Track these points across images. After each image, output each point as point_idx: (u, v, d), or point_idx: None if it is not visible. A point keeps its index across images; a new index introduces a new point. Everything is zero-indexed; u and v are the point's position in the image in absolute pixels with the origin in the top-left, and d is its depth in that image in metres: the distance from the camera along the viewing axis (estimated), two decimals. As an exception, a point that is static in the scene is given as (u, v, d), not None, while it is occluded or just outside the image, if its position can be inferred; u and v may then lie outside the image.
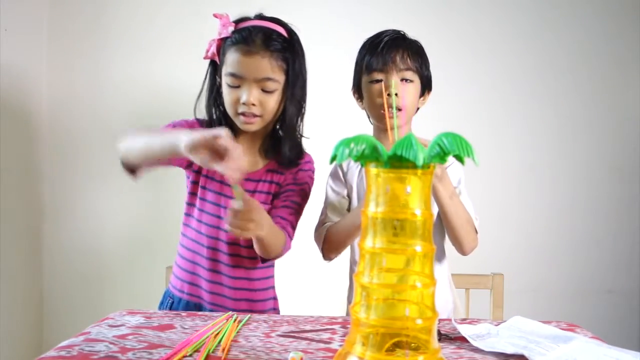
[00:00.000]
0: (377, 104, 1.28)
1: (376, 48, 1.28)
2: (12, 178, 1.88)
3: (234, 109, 1.19)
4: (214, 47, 1.21)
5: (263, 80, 1.16)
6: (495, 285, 1.47)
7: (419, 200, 0.69)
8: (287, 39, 1.20)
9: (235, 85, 1.17)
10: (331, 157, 0.67)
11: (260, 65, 1.15)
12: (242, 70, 1.16)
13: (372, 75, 1.28)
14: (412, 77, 1.29)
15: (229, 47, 1.18)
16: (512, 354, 0.88)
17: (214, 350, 0.87)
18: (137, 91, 2.03)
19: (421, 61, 1.31)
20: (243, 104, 1.16)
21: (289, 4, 1.99)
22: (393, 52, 1.26)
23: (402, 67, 1.27)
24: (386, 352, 0.67)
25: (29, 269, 2.00)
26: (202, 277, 1.26)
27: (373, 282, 0.69)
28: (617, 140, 2.06)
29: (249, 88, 1.16)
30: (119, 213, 2.05)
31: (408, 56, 1.27)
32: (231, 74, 1.17)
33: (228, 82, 1.18)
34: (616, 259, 2.06)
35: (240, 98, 1.17)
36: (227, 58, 1.18)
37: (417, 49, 1.32)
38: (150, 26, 2.03)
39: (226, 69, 1.18)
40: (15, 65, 1.88)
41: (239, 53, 1.15)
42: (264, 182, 1.27)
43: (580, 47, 2.04)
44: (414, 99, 1.30)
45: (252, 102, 1.16)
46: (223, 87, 1.20)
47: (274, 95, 1.19)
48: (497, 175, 2.02)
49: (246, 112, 1.17)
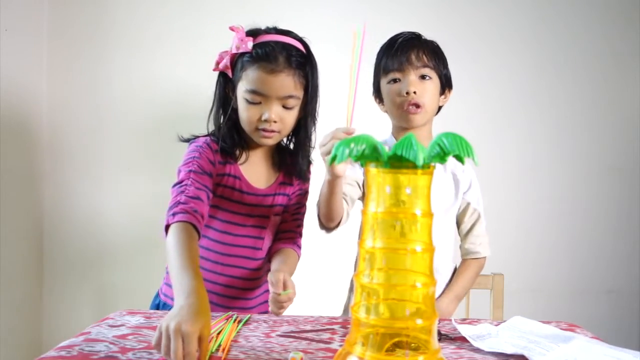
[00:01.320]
0: (397, 102, 1.30)
1: (392, 49, 1.31)
2: (13, 178, 1.88)
3: (254, 126, 1.17)
4: (227, 60, 1.18)
5: (285, 98, 1.15)
6: (495, 285, 1.47)
7: (419, 200, 0.69)
8: (304, 55, 1.19)
9: (256, 102, 1.15)
10: (331, 157, 0.67)
11: (284, 83, 1.14)
12: (266, 89, 1.13)
13: (390, 76, 1.31)
14: (430, 73, 1.30)
15: (249, 63, 1.15)
16: (512, 354, 0.88)
17: (214, 350, 0.87)
18: (137, 91, 2.03)
19: (438, 59, 1.32)
20: (265, 120, 1.15)
21: (289, 4, 2.00)
22: (408, 51, 1.29)
23: (419, 64, 1.28)
24: (386, 352, 0.67)
25: (29, 268, 2.00)
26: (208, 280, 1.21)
27: (373, 282, 0.69)
28: (617, 140, 2.06)
29: (271, 105, 1.15)
30: (118, 213, 2.05)
31: (424, 54, 1.29)
32: (253, 91, 1.14)
33: (248, 98, 1.15)
34: (616, 259, 2.06)
35: (261, 115, 1.15)
36: (247, 74, 1.15)
37: (434, 47, 1.34)
38: (150, 26, 2.03)
39: (246, 86, 1.15)
40: (15, 66, 1.88)
41: (262, 71, 1.13)
42: (278, 195, 1.27)
43: (580, 47, 2.04)
44: (433, 96, 1.31)
45: (274, 119, 1.15)
46: (240, 102, 1.18)
47: (294, 111, 1.18)
48: (497, 176, 2.02)
49: (267, 128, 1.16)
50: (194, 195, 1.09)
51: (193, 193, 1.10)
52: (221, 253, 1.24)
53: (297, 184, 1.30)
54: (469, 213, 1.39)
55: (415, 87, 1.27)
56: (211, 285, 1.22)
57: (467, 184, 1.38)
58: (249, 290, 1.28)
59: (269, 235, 1.28)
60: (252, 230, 1.24)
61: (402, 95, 1.28)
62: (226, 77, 1.21)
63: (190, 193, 1.10)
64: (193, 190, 1.10)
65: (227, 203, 1.22)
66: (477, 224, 1.40)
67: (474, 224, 1.40)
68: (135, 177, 2.04)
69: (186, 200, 1.08)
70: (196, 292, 0.87)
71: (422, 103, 1.28)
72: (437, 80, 1.32)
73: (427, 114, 1.31)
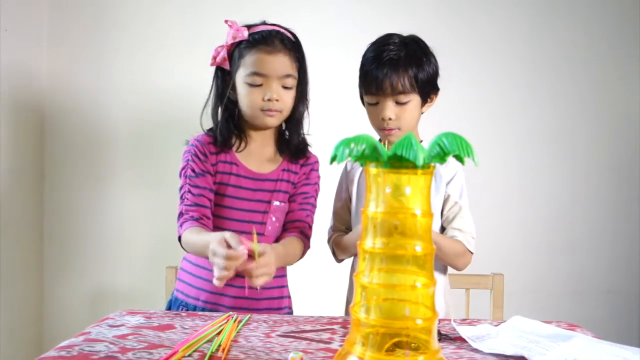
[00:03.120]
0: (375, 123, 1.30)
1: (373, 67, 1.25)
2: (13, 178, 1.88)
3: (257, 107, 1.22)
4: (224, 52, 1.24)
5: (284, 77, 1.22)
6: (495, 285, 1.47)
7: (419, 200, 0.69)
8: (294, 41, 1.27)
9: (258, 84, 1.21)
10: (331, 157, 0.67)
11: (282, 62, 1.22)
12: (267, 68, 1.21)
13: (369, 97, 1.28)
14: (407, 97, 1.26)
15: (247, 49, 1.22)
16: (512, 355, 0.88)
17: (214, 350, 0.87)
18: (137, 91, 2.03)
19: (419, 72, 1.26)
20: (268, 100, 1.21)
21: (289, 4, 2.00)
22: (384, 79, 1.23)
23: (398, 90, 1.24)
24: (386, 352, 0.67)
25: (29, 268, 2.00)
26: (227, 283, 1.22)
27: (373, 282, 0.69)
28: (616, 140, 2.06)
29: (271, 85, 1.21)
30: (119, 213, 2.05)
31: (400, 81, 1.24)
32: (255, 73, 1.21)
33: (249, 81, 1.22)
34: (616, 259, 2.06)
35: (264, 95, 1.21)
36: (245, 60, 1.22)
37: (416, 59, 1.27)
38: (150, 27, 2.03)
39: (246, 71, 1.22)
40: (15, 66, 1.88)
41: (262, 53, 1.21)
42: (282, 182, 1.30)
43: (580, 46, 2.04)
44: (412, 115, 1.29)
45: (276, 98, 1.21)
46: (241, 88, 1.23)
47: (292, 91, 1.25)
48: (496, 176, 2.02)
49: (271, 108, 1.22)
50: (193, 203, 1.22)
51: (192, 200, 1.22)
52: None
53: (303, 176, 1.32)
54: (449, 206, 1.33)
55: (392, 113, 1.25)
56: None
57: (449, 176, 1.34)
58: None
59: (273, 222, 1.29)
60: (252, 215, 1.26)
61: (379, 120, 1.27)
62: (223, 71, 1.27)
63: (189, 201, 1.22)
64: (191, 197, 1.22)
65: (224, 188, 1.26)
66: (457, 218, 1.32)
67: (454, 216, 1.33)
68: (136, 177, 2.04)
69: (187, 210, 1.21)
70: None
71: (399, 126, 1.27)
72: (417, 97, 1.28)
73: (405, 132, 1.28)
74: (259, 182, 1.27)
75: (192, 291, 1.28)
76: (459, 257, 1.31)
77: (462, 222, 1.32)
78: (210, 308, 1.25)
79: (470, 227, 1.33)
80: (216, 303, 1.25)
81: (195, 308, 1.26)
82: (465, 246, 1.30)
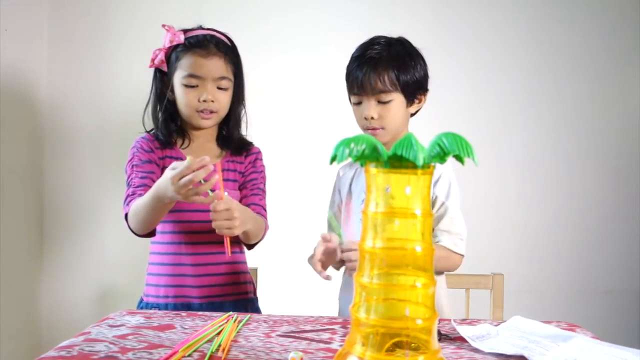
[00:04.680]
0: (360, 123, 1.32)
1: (355, 67, 1.28)
2: (13, 178, 1.88)
3: (193, 108, 1.29)
4: (162, 55, 1.32)
5: (219, 79, 1.29)
6: (495, 285, 1.47)
7: (419, 200, 0.69)
8: (230, 45, 1.34)
9: (193, 85, 1.28)
10: (331, 157, 0.67)
11: (217, 65, 1.29)
12: (202, 71, 1.28)
13: (353, 97, 1.31)
14: (389, 96, 1.26)
15: (182, 52, 1.29)
16: (512, 355, 0.88)
17: (214, 350, 0.87)
18: (137, 91, 2.02)
19: (401, 72, 1.26)
20: (203, 101, 1.28)
21: (290, 6, 2.00)
22: (363, 78, 1.25)
23: (378, 89, 1.25)
24: (386, 352, 0.67)
25: (29, 267, 2.00)
26: (188, 274, 1.31)
27: (373, 282, 0.69)
28: (616, 140, 2.06)
29: (207, 86, 1.28)
30: (118, 213, 2.04)
31: (379, 79, 1.24)
32: (190, 75, 1.28)
33: (185, 83, 1.29)
34: (616, 259, 2.06)
35: (199, 97, 1.28)
36: (181, 63, 1.29)
37: (399, 60, 1.27)
38: (150, 27, 2.02)
39: (182, 72, 1.29)
40: (15, 66, 1.88)
41: (197, 56, 1.28)
42: (228, 171, 1.37)
43: (579, 46, 2.04)
44: (396, 114, 1.28)
45: (211, 99, 1.28)
46: (178, 89, 1.31)
47: (228, 92, 1.32)
48: (496, 176, 2.02)
49: (205, 109, 1.29)
50: (139, 184, 1.28)
51: (138, 182, 1.28)
52: (179, 232, 1.32)
53: (249, 165, 1.40)
54: (436, 207, 1.30)
55: (374, 112, 1.26)
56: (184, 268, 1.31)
57: (435, 178, 1.30)
58: (217, 266, 1.33)
59: None
60: (201, 206, 1.27)
61: (363, 119, 1.28)
62: (161, 73, 1.34)
63: (135, 184, 1.28)
64: (138, 180, 1.29)
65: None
66: (444, 219, 1.29)
67: (441, 218, 1.29)
68: (135, 177, 2.04)
69: (133, 192, 1.27)
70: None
71: (382, 125, 1.27)
72: (400, 96, 1.27)
73: (391, 131, 1.29)
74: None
75: (160, 291, 1.33)
76: (440, 261, 1.24)
77: (449, 223, 1.28)
78: (180, 302, 1.30)
79: (458, 227, 1.29)
80: (185, 296, 1.30)
81: (167, 306, 1.30)
82: (449, 249, 1.27)
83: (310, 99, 2.02)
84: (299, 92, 2.03)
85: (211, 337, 0.94)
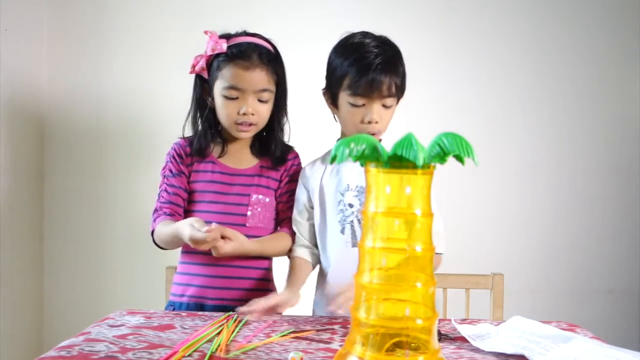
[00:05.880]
0: (356, 125, 1.24)
1: (364, 69, 1.20)
2: (13, 178, 1.88)
3: (232, 120, 1.26)
4: (203, 62, 1.28)
5: (260, 91, 1.25)
6: (495, 285, 1.47)
7: (419, 200, 0.69)
8: (273, 54, 1.30)
9: (234, 97, 1.25)
10: (331, 157, 0.67)
11: (258, 78, 1.25)
12: (243, 83, 1.24)
13: (355, 99, 1.22)
14: (393, 102, 1.25)
15: (224, 62, 1.25)
16: (512, 354, 0.88)
17: (214, 350, 0.87)
18: (137, 91, 2.03)
19: (402, 76, 1.25)
20: (243, 114, 1.25)
21: (290, 6, 2.00)
22: (381, 82, 1.20)
23: (386, 94, 1.22)
24: (386, 352, 0.67)
25: (29, 269, 2.00)
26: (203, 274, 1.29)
27: (373, 282, 0.69)
28: (617, 140, 2.06)
29: (247, 99, 1.25)
30: (118, 213, 2.05)
31: (394, 83, 1.22)
32: (231, 87, 1.24)
33: (226, 94, 1.25)
34: (616, 259, 2.06)
35: (239, 109, 1.25)
36: (223, 73, 1.25)
37: (397, 65, 1.25)
38: (150, 27, 2.03)
39: (223, 83, 1.25)
40: (15, 66, 1.87)
41: (238, 68, 1.24)
42: (261, 177, 1.34)
43: (580, 46, 2.04)
44: (391, 117, 1.28)
45: (251, 112, 1.25)
46: (218, 99, 1.27)
47: (268, 104, 1.28)
48: (496, 176, 2.02)
49: (244, 122, 1.26)
50: (167, 200, 1.30)
51: (166, 198, 1.30)
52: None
53: (285, 172, 1.36)
54: None
55: (378, 116, 1.23)
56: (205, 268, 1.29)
57: None
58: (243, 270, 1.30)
59: (256, 215, 1.31)
60: (231, 208, 1.29)
61: (364, 123, 1.23)
62: (202, 79, 1.31)
63: (163, 198, 1.30)
64: (166, 195, 1.30)
65: (202, 185, 1.31)
66: None
67: None
68: (135, 176, 2.04)
69: (161, 207, 1.29)
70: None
71: (379, 129, 1.25)
72: (396, 99, 1.26)
73: (382, 133, 1.28)
74: (235, 177, 1.31)
75: (179, 289, 1.31)
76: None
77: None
78: (195, 302, 1.27)
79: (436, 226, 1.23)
80: (201, 297, 1.27)
81: (181, 305, 1.28)
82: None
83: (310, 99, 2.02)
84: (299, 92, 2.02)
85: (211, 337, 0.94)
